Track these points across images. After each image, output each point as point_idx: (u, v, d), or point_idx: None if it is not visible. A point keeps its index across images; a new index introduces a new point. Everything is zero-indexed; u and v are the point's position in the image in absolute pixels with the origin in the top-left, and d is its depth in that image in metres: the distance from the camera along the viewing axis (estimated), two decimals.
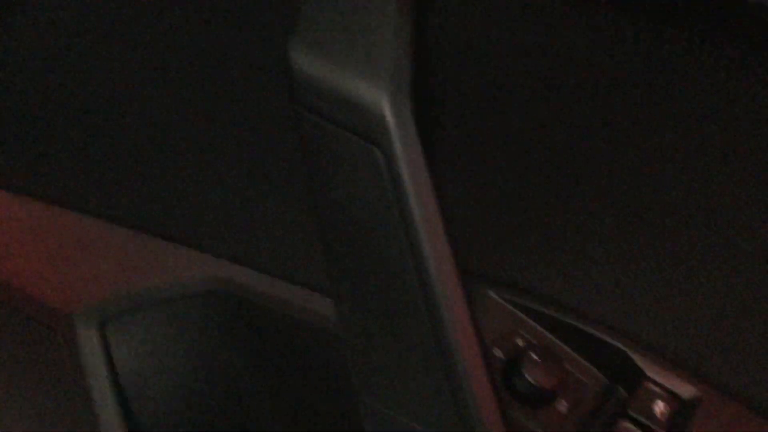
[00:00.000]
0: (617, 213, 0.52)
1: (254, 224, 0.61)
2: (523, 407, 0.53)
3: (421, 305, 0.44)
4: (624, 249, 0.53)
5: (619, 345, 0.54)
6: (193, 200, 0.62)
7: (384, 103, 0.43)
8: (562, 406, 0.53)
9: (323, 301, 0.55)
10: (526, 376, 0.52)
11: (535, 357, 0.53)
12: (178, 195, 0.62)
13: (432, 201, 0.43)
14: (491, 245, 0.58)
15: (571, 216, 0.53)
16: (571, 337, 0.56)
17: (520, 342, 0.56)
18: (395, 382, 0.47)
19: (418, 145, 0.43)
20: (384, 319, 0.46)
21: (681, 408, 0.52)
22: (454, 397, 0.44)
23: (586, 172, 0.52)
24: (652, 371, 0.53)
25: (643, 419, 0.51)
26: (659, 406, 0.52)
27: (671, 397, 0.52)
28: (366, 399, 0.49)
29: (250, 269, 0.64)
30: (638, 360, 0.54)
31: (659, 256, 0.52)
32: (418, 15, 0.45)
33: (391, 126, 0.43)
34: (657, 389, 0.53)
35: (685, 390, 0.52)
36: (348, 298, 0.48)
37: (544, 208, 0.54)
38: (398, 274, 0.44)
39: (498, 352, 0.55)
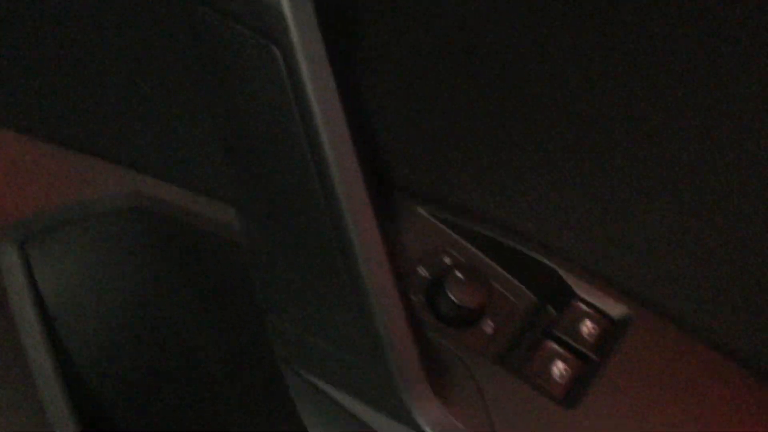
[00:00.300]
0: (553, 129, 0.48)
1: (172, 137, 0.58)
2: (448, 328, 0.50)
3: (324, 212, 0.40)
4: (558, 167, 0.49)
5: (550, 263, 0.51)
6: (112, 114, 0.59)
7: None
8: (488, 326, 0.51)
9: None
10: (450, 295, 0.49)
11: (459, 275, 0.50)
12: (98, 109, 0.59)
13: (335, 101, 0.40)
14: (421, 161, 0.55)
15: (505, 131, 0.50)
16: (501, 255, 0.53)
17: (447, 260, 0.53)
18: (300, 299, 0.44)
19: (320, 41, 0.39)
20: (286, 230, 0.43)
21: (610, 327, 0.50)
22: (361, 315, 0.42)
23: (520, 85, 0.48)
24: (582, 290, 0.51)
25: (568, 339, 0.49)
26: (587, 326, 0.50)
27: (601, 316, 0.50)
28: (272, 318, 0.46)
29: (174, 185, 0.61)
30: (569, 279, 0.51)
31: (593, 175, 0.48)
32: None
33: (290, 21, 0.39)
34: (586, 308, 0.50)
35: (616, 309, 0.50)
36: (250, 208, 0.44)
37: (476, 122, 0.51)
38: (300, 179, 0.40)
39: (423, 271, 0.52)
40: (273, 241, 0.44)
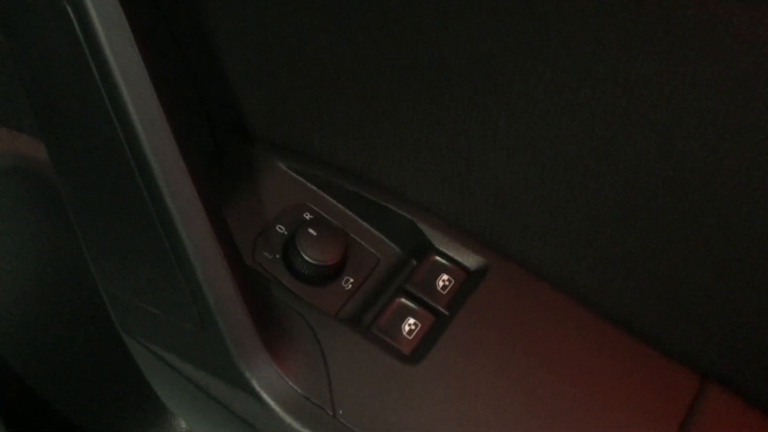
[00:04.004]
0: (410, 80, 0.46)
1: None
2: (305, 287, 0.49)
3: (134, 172, 0.38)
4: (416, 117, 0.47)
5: (408, 215, 0.50)
6: None
7: None
8: (348, 282, 0.49)
9: None
10: (302, 253, 0.48)
11: (312, 232, 0.48)
12: None
13: (136, 59, 0.37)
14: (280, 111, 0.53)
15: (364, 83, 0.48)
16: (363, 208, 0.52)
17: (307, 216, 0.51)
18: (125, 262, 0.42)
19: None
20: (102, 192, 0.41)
21: (466, 279, 0.48)
22: (186, 280, 0.40)
23: (374, 33, 0.46)
24: (440, 242, 0.49)
25: (420, 294, 0.47)
26: (443, 279, 0.48)
27: (457, 268, 0.49)
28: (105, 283, 0.44)
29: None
30: (427, 231, 0.50)
31: (448, 126, 0.46)
32: None
33: None
34: (443, 261, 0.49)
35: (473, 260, 0.49)
36: (66, 173, 0.43)
37: (336, 74, 0.48)
38: (108, 138, 0.38)
39: (281, 228, 0.51)
40: (90, 205, 0.42)
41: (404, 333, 0.46)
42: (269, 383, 0.42)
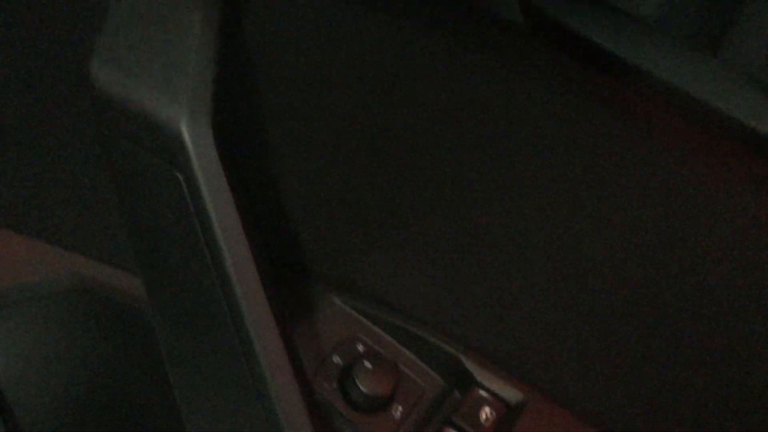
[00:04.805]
0: (450, 224, 0.52)
1: (109, 219, 0.60)
2: (359, 414, 0.54)
3: (231, 329, 0.44)
4: (456, 259, 0.53)
5: (453, 350, 0.55)
6: (50, 198, 0.61)
7: (182, 123, 0.42)
8: (398, 411, 0.54)
9: None
10: (358, 384, 0.53)
11: (368, 365, 0.53)
12: (37, 193, 0.61)
13: (236, 224, 0.43)
14: (336, 249, 0.58)
15: (412, 224, 0.54)
16: (411, 342, 0.57)
17: (360, 348, 0.57)
18: (210, 394, 0.47)
19: (219, 167, 0.43)
20: (196, 342, 0.46)
21: (507, 412, 0.53)
22: (265, 410, 0.45)
23: (424, 180, 0.52)
24: (482, 376, 0.54)
25: (466, 426, 0.52)
26: (485, 412, 0.53)
27: (498, 401, 0.54)
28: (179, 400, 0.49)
29: (113, 267, 0.64)
30: (470, 366, 0.55)
31: (486, 264, 0.52)
32: (225, 33, 0.44)
33: (190, 148, 0.42)
34: (485, 395, 0.54)
35: (512, 395, 0.54)
36: (161, 315, 0.48)
37: (388, 214, 0.54)
38: (206, 297, 0.44)
39: (337, 359, 0.56)
40: (182, 349, 0.47)
41: None
42: None
